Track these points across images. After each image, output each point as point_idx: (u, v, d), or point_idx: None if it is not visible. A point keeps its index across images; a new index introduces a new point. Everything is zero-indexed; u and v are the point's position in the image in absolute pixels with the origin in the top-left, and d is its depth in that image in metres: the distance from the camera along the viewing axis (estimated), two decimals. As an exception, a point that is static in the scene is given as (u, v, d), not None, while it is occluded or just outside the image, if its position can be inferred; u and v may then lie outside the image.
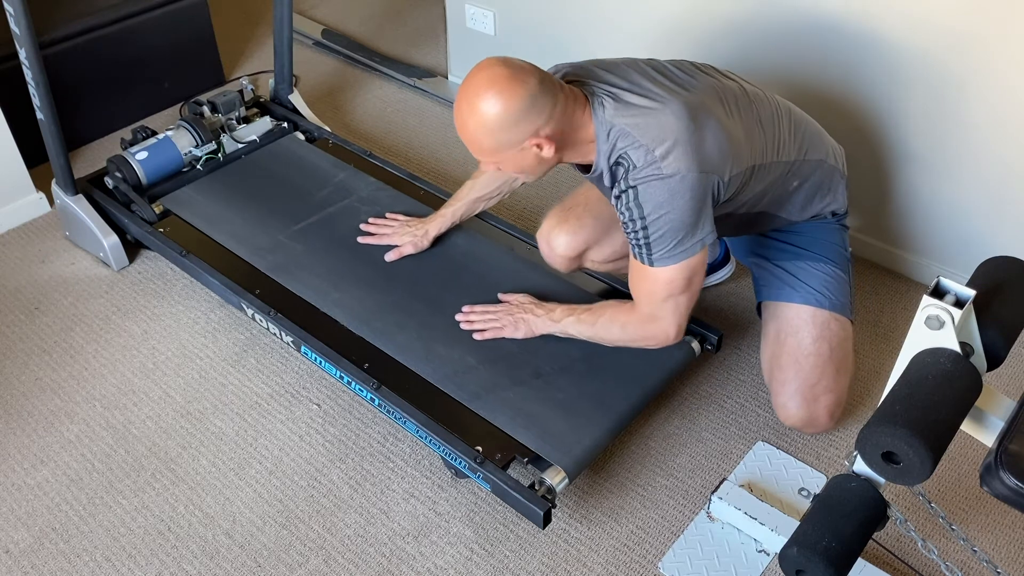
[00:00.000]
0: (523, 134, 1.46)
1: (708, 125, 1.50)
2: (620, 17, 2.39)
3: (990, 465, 1.04)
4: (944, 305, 1.11)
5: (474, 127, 1.47)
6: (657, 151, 1.46)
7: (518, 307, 1.83)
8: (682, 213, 1.48)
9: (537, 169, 1.55)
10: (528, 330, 1.79)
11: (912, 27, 1.88)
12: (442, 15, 3.01)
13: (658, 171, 1.46)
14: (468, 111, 1.47)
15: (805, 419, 1.74)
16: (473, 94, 1.45)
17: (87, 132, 2.72)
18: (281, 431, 1.85)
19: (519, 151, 1.48)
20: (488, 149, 1.50)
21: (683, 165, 1.46)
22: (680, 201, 1.47)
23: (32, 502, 1.73)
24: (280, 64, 2.56)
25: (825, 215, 1.80)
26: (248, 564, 1.62)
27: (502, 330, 1.81)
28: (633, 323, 1.66)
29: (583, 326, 1.72)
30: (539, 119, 1.45)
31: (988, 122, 1.88)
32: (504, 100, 1.43)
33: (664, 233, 1.49)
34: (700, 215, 1.50)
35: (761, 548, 1.62)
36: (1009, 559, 1.61)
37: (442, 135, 2.77)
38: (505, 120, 1.44)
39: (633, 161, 1.48)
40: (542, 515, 1.51)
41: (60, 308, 2.15)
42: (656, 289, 1.58)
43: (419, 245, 2.02)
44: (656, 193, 1.47)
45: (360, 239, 2.06)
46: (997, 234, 2.00)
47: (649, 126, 1.48)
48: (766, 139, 1.61)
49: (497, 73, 1.44)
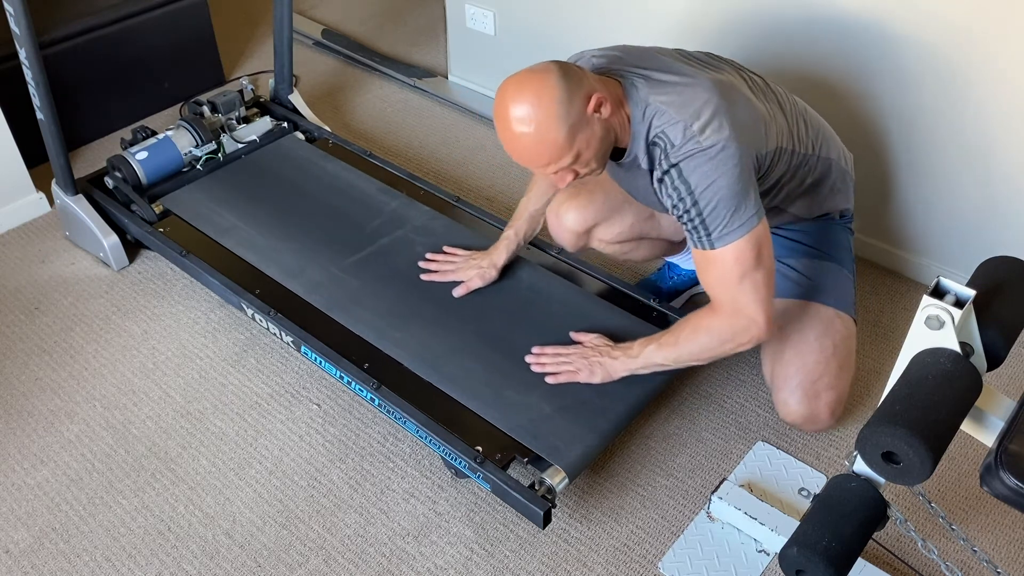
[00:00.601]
0: (581, 102, 1.42)
1: (738, 100, 1.50)
2: (620, 17, 2.39)
3: (990, 465, 1.04)
4: (944, 305, 1.11)
5: (537, 131, 1.41)
6: (695, 125, 1.44)
7: (593, 350, 1.73)
8: (730, 182, 1.44)
9: (607, 144, 1.49)
10: (606, 374, 1.69)
11: (916, 26, 1.88)
12: (442, 15, 3.01)
13: (698, 145, 1.44)
14: (523, 126, 1.42)
15: (806, 416, 1.74)
16: (516, 113, 1.42)
17: (87, 132, 2.72)
18: (281, 431, 1.85)
19: (587, 126, 1.43)
20: (563, 143, 1.42)
21: (722, 136, 1.43)
22: (725, 170, 1.43)
23: (32, 502, 1.73)
24: (280, 64, 2.56)
25: (834, 215, 1.80)
26: (248, 564, 1.62)
27: (577, 374, 1.71)
28: (718, 323, 1.55)
29: (667, 350, 1.62)
30: (583, 83, 1.43)
31: (988, 122, 1.88)
32: (542, 85, 1.41)
33: (716, 206, 1.45)
34: (748, 184, 1.46)
35: (761, 548, 1.62)
36: (1009, 559, 1.61)
37: (442, 135, 2.77)
38: (559, 98, 1.40)
39: (671, 139, 1.46)
40: (542, 515, 1.51)
41: (60, 308, 2.15)
42: (727, 273, 1.49)
43: (487, 277, 1.91)
44: (699, 165, 1.44)
45: (423, 276, 1.95)
46: (997, 234, 2.00)
47: (684, 102, 1.46)
48: (788, 126, 1.61)
49: (515, 83, 1.44)
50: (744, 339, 1.55)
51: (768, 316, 1.52)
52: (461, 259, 1.97)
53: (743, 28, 2.15)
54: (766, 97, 1.60)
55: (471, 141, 2.74)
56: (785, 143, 1.60)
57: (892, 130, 2.03)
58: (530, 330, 1.84)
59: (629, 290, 1.97)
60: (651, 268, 2.21)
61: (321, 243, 2.08)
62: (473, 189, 2.52)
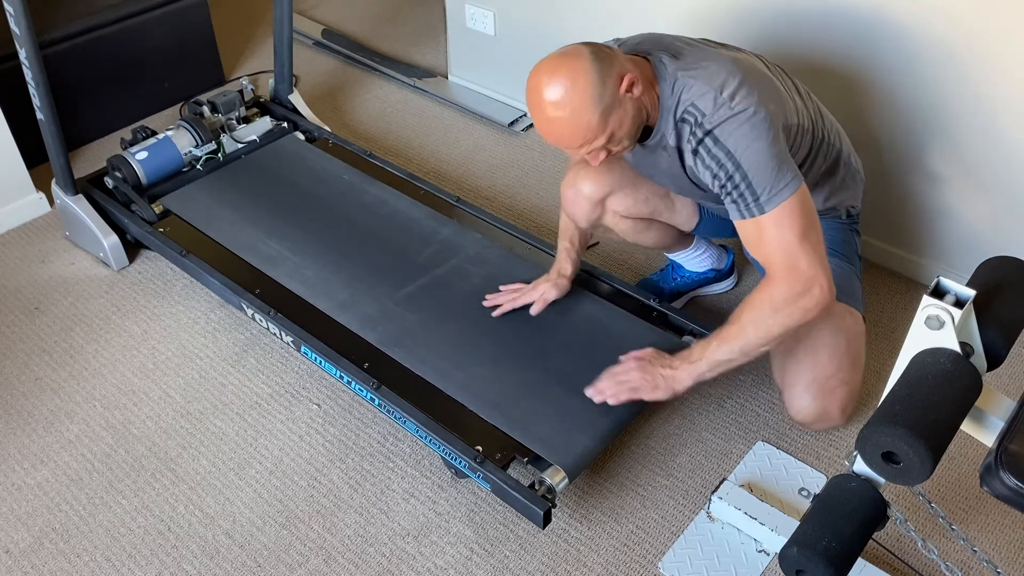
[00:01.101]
0: (614, 83, 1.43)
1: (760, 75, 1.53)
2: (620, 17, 2.39)
3: (990, 465, 1.04)
4: (944, 305, 1.11)
5: (572, 113, 1.43)
6: (724, 92, 1.46)
7: (650, 363, 1.65)
8: (768, 143, 1.44)
9: (639, 122, 1.50)
10: (669, 387, 1.60)
11: (920, 26, 1.88)
12: (442, 15, 3.01)
13: (730, 110, 1.45)
14: (557, 106, 1.43)
15: (818, 412, 1.72)
16: (550, 98, 1.43)
17: (87, 132, 2.72)
18: (281, 431, 1.85)
19: (620, 106, 1.45)
20: (597, 124, 1.44)
21: (752, 101, 1.45)
22: (761, 131, 1.44)
23: (32, 502, 1.73)
24: (280, 64, 2.56)
25: (841, 212, 1.81)
26: (248, 564, 1.62)
27: (639, 391, 1.62)
28: (779, 294, 1.47)
29: (732, 342, 1.53)
30: (615, 63, 1.44)
31: (990, 123, 1.88)
32: (575, 69, 1.42)
33: (759, 167, 1.44)
34: (783, 147, 1.47)
35: (761, 548, 1.62)
36: (1009, 559, 1.61)
37: (442, 135, 2.77)
38: (592, 82, 1.41)
39: (701, 110, 1.47)
40: (542, 515, 1.51)
41: (60, 308, 2.15)
42: (783, 237, 1.45)
43: (561, 286, 1.87)
44: (735, 129, 1.45)
45: (495, 313, 1.87)
46: (997, 234, 2.00)
47: (710, 73, 1.48)
48: (806, 108, 1.63)
49: (548, 67, 1.44)
50: (809, 303, 1.47)
51: (829, 275, 1.48)
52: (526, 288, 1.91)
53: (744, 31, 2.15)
54: (783, 80, 1.62)
55: (471, 141, 2.74)
56: (805, 122, 1.61)
57: (893, 130, 2.03)
58: (531, 330, 1.85)
59: (629, 290, 1.97)
60: (652, 268, 2.21)
61: (321, 242, 2.08)
62: (473, 189, 2.52)
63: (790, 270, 1.47)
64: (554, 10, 2.54)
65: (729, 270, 2.14)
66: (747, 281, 2.18)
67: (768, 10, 2.09)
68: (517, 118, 2.78)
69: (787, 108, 1.55)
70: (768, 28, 2.10)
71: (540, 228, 2.35)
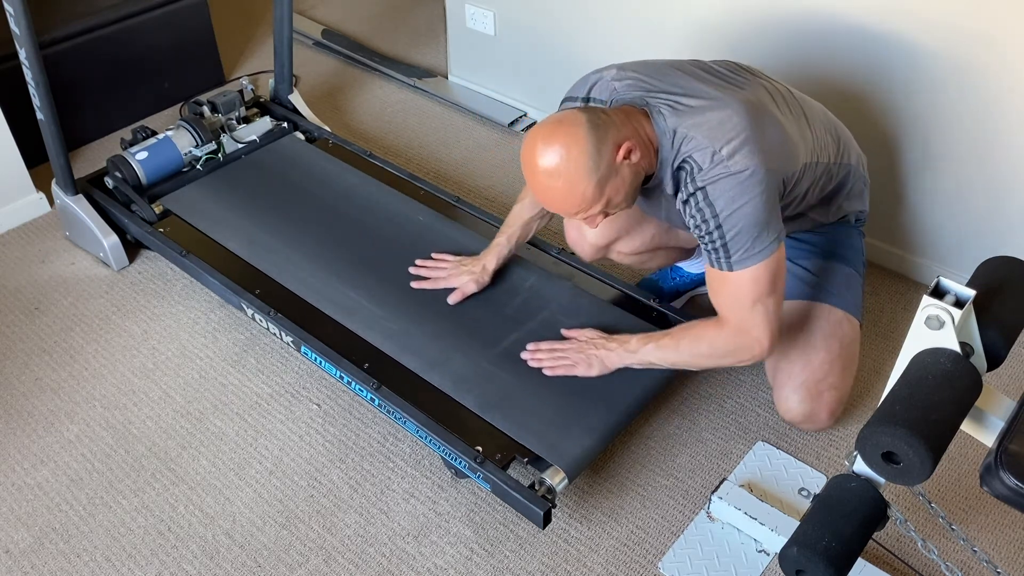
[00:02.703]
0: (610, 152, 1.42)
1: (767, 122, 1.49)
2: (620, 17, 2.39)
3: (990, 465, 1.04)
4: (944, 305, 1.11)
5: (567, 183, 1.42)
6: (724, 150, 1.44)
7: (588, 343, 1.74)
8: (755, 208, 1.44)
9: (636, 184, 1.50)
10: (602, 366, 1.71)
11: (922, 33, 1.88)
12: (442, 15, 3.01)
13: (726, 169, 1.43)
14: (553, 176, 1.43)
15: (806, 414, 1.74)
16: (545, 166, 1.43)
17: (87, 132, 2.72)
18: (281, 431, 1.85)
19: (616, 174, 1.44)
20: (592, 194, 1.44)
21: (751, 162, 1.43)
22: (751, 196, 1.44)
23: (32, 502, 1.73)
24: (280, 64, 2.56)
25: (851, 219, 1.81)
26: (248, 564, 1.62)
27: (574, 367, 1.72)
28: (722, 338, 1.57)
29: (665, 351, 1.64)
30: (611, 132, 1.43)
31: (991, 124, 1.88)
32: (570, 138, 1.41)
33: (740, 231, 1.45)
34: (772, 211, 1.47)
35: (761, 548, 1.62)
36: (1009, 559, 1.61)
37: (442, 135, 2.77)
38: (588, 151, 1.40)
39: (698, 163, 1.45)
40: (542, 515, 1.51)
41: (60, 308, 2.15)
42: (741, 295, 1.51)
43: (481, 282, 1.91)
44: (726, 190, 1.44)
45: (413, 284, 1.94)
46: (997, 234, 2.00)
47: (712, 126, 1.45)
48: (813, 138, 1.61)
49: (544, 134, 1.43)
50: (745, 356, 1.57)
51: (773, 339, 1.55)
52: (451, 265, 1.96)
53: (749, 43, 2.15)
54: (792, 111, 1.59)
55: (471, 141, 2.74)
56: (811, 158, 1.59)
57: (894, 131, 2.03)
58: (531, 330, 1.84)
59: (629, 290, 1.97)
60: (651, 268, 2.21)
61: (321, 242, 2.08)
62: (473, 189, 2.52)
63: (738, 326, 1.55)
64: (554, 10, 2.54)
65: None
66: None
67: (773, 21, 2.09)
68: (517, 118, 2.78)
69: (793, 154, 1.53)
70: (773, 39, 2.10)
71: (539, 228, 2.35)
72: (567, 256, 2.05)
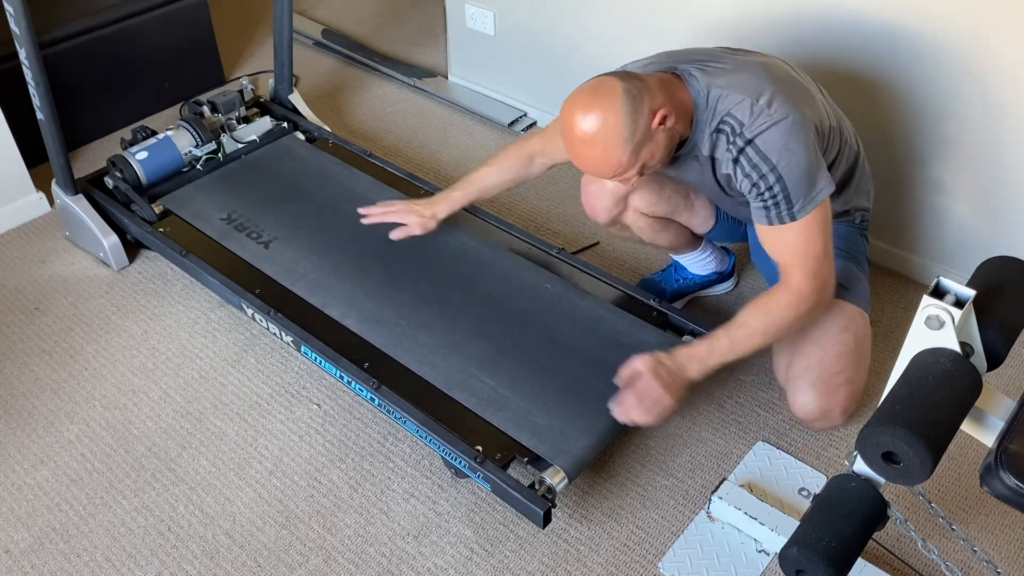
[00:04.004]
0: (645, 120, 1.44)
1: (790, 78, 1.55)
2: (620, 17, 2.39)
3: (990, 465, 1.04)
4: (944, 305, 1.11)
5: (604, 151, 1.45)
6: (761, 100, 1.47)
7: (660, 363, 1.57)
8: (807, 151, 1.47)
9: (671, 147, 1.52)
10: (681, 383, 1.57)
11: (921, 30, 1.88)
12: (442, 15, 3.01)
13: (769, 118, 1.46)
14: (590, 144, 1.46)
15: (820, 410, 1.72)
16: (583, 130, 1.45)
17: (87, 132, 2.72)
18: (281, 431, 1.85)
19: (652, 140, 1.47)
20: (628, 160, 1.46)
21: (789, 107, 1.47)
22: (800, 140, 1.47)
23: (32, 502, 1.73)
24: (280, 64, 2.56)
25: (855, 216, 1.82)
26: (248, 564, 1.62)
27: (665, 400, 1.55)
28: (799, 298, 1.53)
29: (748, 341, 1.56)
30: (647, 99, 1.45)
31: (990, 123, 1.88)
32: (606, 107, 1.43)
33: (800, 177, 1.47)
34: (817, 152, 1.50)
35: (761, 548, 1.62)
36: (1009, 559, 1.61)
37: (442, 135, 2.77)
38: (623, 121, 1.43)
39: (738, 119, 1.48)
40: (542, 515, 1.51)
41: (60, 308, 2.15)
42: (809, 243, 1.51)
43: (427, 226, 1.96)
44: (777, 138, 1.46)
45: (363, 220, 2.02)
46: (997, 234, 2.00)
47: (743, 82, 1.49)
48: (832, 109, 1.65)
49: (581, 102, 1.46)
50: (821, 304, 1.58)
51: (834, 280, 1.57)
52: (402, 204, 2.02)
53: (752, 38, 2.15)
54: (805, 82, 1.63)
55: (471, 141, 2.74)
56: (833, 122, 1.62)
57: (894, 131, 2.03)
58: (531, 330, 1.84)
59: (630, 290, 1.97)
60: (653, 268, 2.21)
61: (321, 242, 2.08)
62: (473, 189, 2.52)
63: (811, 275, 1.53)
64: (554, 10, 2.54)
65: (730, 272, 2.14)
66: (747, 282, 2.18)
67: (776, 17, 2.09)
68: (517, 118, 2.78)
69: (819, 111, 1.57)
70: (776, 34, 2.10)
71: (540, 228, 2.35)
72: (567, 256, 2.05)
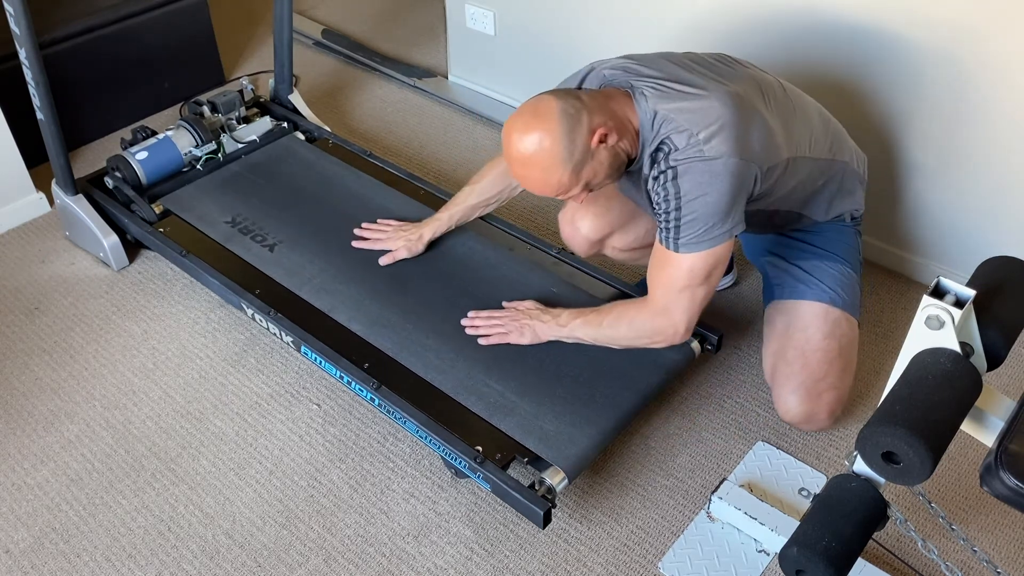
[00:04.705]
0: (583, 139, 1.45)
1: (751, 115, 1.51)
2: (620, 17, 2.39)
3: (990, 465, 1.04)
4: (944, 305, 1.11)
5: (543, 172, 1.47)
6: (701, 135, 1.45)
7: (524, 313, 1.81)
8: (719, 198, 1.46)
9: (618, 164, 1.52)
10: (534, 335, 1.77)
11: (919, 29, 1.88)
12: (442, 15, 3.01)
13: (700, 153, 1.45)
14: (528, 165, 1.48)
15: (806, 414, 1.74)
16: (521, 152, 1.47)
17: (87, 132, 2.72)
18: (281, 431, 1.85)
19: (592, 159, 1.47)
20: (568, 180, 1.48)
21: (726, 149, 1.45)
22: (719, 185, 1.46)
23: (32, 502, 1.73)
24: (280, 64, 2.56)
25: (845, 217, 1.81)
26: (248, 564, 1.62)
27: (507, 336, 1.78)
28: (642, 317, 1.63)
29: (590, 328, 1.70)
30: (584, 118, 1.45)
31: (990, 123, 1.88)
32: (543, 129, 1.44)
33: (696, 217, 1.48)
34: (735, 204, 1.49)
35: (761, 548, 1.62)
36: (1009, 559, 1.61)
37: (442, 135, 2.77)
38: (560, 142, 1.44)
39: (675, 144, 1.47)
40: (542, 515, 1.51)
41: (60, 308, 2.15)
42: (676, 276, 1.55)
43: (413, 249, 1.99)
44: (696, 175, 1.46)
45: (353, 243, 2.04)
46: (997, 234, 2.00)
47: (693, 111, 1.47)
48: (801, 133, 1.62)
49: (519, 125, 1.47)
50: (659, 339, 1.63)
51: (689, 328, 1.60)
52: (392, 230, 2.05)
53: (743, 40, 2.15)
54: (780, 105, 1.60)
55: (471, 141, 2.74)
56: (797, 151, 1.60)
57: (894, 131, 2.03)
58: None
59: (629, 290, 1.97)
60: (651, 268, 2.21)
61: (321, 242, 2.08)
62: (473, 189, 2.52)
63: (662, 308, 1.59)
64: (554, 10, 2.54)
65: (728, 267, 2.14)
66: (746, 279, 2.18)
67: (768, 19, 2.09)
68: (517, 118, 2.78)
69: (776, 146, 1.54)
70: (769, 36, 2.10)
71: (540, 228, 2.35)
72: (567, 256, 2.05)
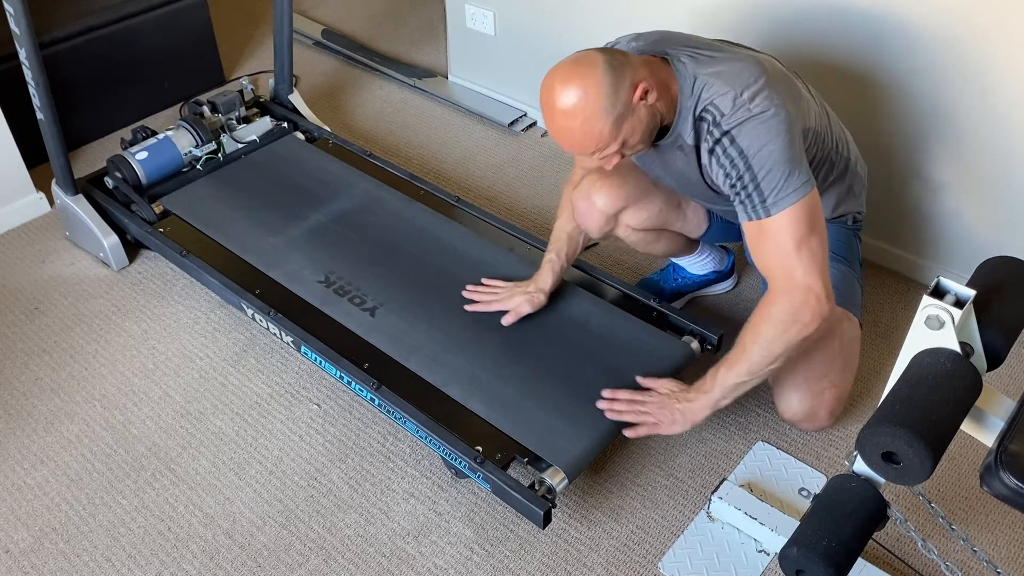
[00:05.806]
0: (626, 92, 1.43)
1: (781, 76, 1.53)
2: (620, 16, 2.39)
3: (990, 465, 1.04)
4: (944, 305, 1.11)
5: (584, 123, 1.43)
6: (744, 94, 1.46)
7: (669, 397, 1.64)
8: (783, 146, 1.45)
9: (653, 126, 1.50)
10: (687, 421, 1.60)
11: (920, 27, 1.88)
12: (442, 15, 3.01)
13: (749, 112, 1.45)
14: (570, 116, 1.43)
15: (806, 412, 1.74)
16: (562, 107, 1.44)
17: (87, 132, 2.72)
18: (281, 431, 1.85)
19: (633, 114, 1.45)
20: (609, 133, 1.45)
21: (772, 103, 1.45)
22: (777, 134, 1.45)
23: (32, 502, 1.73)
24: (280, 64, 2.56)
25: (848, 219, 1.82)
26: (248, 564, 1.62)
27: (659, 426, 1.62)
28: (776, 307, 1.49)
29: (738, 366, 1.53)
30: (628, 72, 1.44)
31: (990, 123, 1.88)
32: (587, 78, 1.42)
33: (771, 169, 1.45)
34: (799, 151, 1.47)
35: (761, 548, 1.62)
36: (1009, 559, 1.61)
37: (442, 135, 2.77)
38: (604, 92, 1.42)
39: (720, 109, 1.47)
40: (542, 515, 1.51)
41: (60, 308, 2.15)
42: (783, 241, 1.46)
43: (536, 302, 1.83)
44: (752, 129, 1.45)
45: (466, 307, 1.88)
46: (997, 234, 2.00)
47: (731, 73, 1.48)
48: (817, 110, 1.64)
49: (561, 75, 1.45)
50: (806, 316, 1.47)
51: (826, 286, 1.47)
52: (504, 290, 1.89)
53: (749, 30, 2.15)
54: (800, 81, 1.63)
55: (471, 141, 2.74)
56: (819, 125, 1.62)
57: (894, 130, 2.03)
58: (531, 330, 1.84)
59: (629, 290, 1.97)
60: (652, 267, 2.21)
61: (321, 242, 2.08)
62: (473, 189, 2.52)
63: (786, 282, 1.48)
64: (554, 10, 2.54)
65: (730, 271, 2.14)
66: (747, 282, 2.18)
67: (774, 9, 2.09)
68: (517, 118, 2.78)
69: (807, 111, 1.56)
70: (773, 27, 2.10)
71: (540, 228, 2.35)
72: None
